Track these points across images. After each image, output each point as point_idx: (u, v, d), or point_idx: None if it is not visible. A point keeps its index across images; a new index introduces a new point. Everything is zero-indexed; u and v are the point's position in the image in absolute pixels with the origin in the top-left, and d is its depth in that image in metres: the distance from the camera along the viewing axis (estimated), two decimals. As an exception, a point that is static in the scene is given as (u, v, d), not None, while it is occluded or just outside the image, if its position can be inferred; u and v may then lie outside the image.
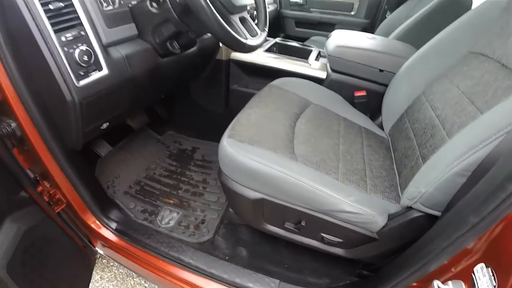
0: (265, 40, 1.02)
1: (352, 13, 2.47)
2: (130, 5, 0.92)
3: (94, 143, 1.39)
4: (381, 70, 1.28)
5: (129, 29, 0.92)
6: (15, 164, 0.82)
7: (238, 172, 0.83)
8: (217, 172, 0.94)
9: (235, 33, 0.84)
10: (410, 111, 1.07)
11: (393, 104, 1.17)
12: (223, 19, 0.80)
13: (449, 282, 0.52)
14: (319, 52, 1.57)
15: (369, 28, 2.47)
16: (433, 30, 1.79)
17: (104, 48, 0.84)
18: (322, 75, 1.36)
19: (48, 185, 0.96)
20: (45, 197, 0.94)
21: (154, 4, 0.91)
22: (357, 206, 0.77)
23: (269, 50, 1.53)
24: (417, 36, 1.75)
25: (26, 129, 0.81)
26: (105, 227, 1.08)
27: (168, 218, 1.20)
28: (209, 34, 1.24)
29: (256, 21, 1.12)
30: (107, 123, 1.01)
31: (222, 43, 0.92)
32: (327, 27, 2.53)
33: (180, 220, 1.20)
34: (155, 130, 1.69)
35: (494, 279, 0.46)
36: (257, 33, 1.01)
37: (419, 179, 0.75)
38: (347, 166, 0.90)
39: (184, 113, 1.72)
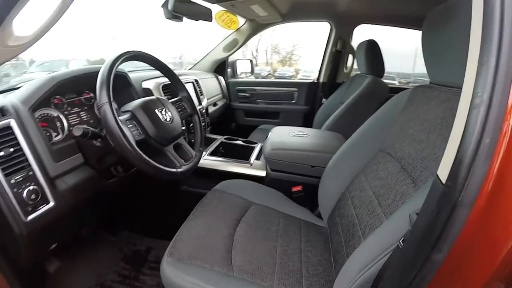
0: (198, 162, 1.13)
1: (293, 101, 2.79)
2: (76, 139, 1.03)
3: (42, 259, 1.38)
4: (312, 166, 1.46)
5: (76, 159, 1.02)
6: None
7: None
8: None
9: (166, 165, 0.95)
10: (339, 205, 1.12)
11: (325, 198, 1.23)
12: (156, 152, 0.92)
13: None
14: (261, 148, 1.74)
15: (310, 112, 2.77)
16: (359, 118, 2.04)
17: (51, 181, 0.92)
18: (262, 173, 1.51)
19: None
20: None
21: (99, 139, 1.04)
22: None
23: (214, 152, 1.67)
24: (346, 124, 1.98)
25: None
26: None
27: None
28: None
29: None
30: (56, 243, 1.06)
31: (152, 177, 0.97)
32: (273, 115, 2.85)
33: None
34: (109, 230, 1.71)
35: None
36: (191, 155, 1.12)
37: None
38: (283, 269, 0.94)
39: (138, 213, 1.76)
